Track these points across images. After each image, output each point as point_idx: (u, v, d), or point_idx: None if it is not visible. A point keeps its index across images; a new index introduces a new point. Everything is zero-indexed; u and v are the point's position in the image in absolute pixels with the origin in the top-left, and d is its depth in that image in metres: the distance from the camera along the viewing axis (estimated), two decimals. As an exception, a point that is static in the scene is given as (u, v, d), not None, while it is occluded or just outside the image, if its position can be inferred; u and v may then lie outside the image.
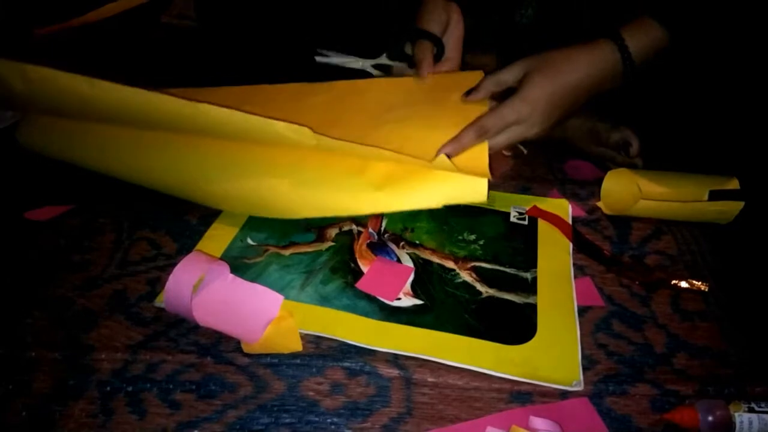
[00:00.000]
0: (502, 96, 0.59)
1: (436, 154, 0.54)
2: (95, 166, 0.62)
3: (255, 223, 0.59)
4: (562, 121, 0.59)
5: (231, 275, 0.49)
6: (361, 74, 0.74)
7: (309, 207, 0.56)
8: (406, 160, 0.54)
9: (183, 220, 0.60)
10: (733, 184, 0.59)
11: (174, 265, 0.47)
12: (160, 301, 0.50)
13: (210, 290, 0.48)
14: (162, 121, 0.55)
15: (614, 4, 0.65)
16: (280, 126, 0.52)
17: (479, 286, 0.53)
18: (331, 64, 0.75)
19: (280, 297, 0.48)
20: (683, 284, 0.54)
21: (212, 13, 0.78)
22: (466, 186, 0.54)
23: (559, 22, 0.73)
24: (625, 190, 0.61)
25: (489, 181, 0.54)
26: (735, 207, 0.59)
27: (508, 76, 0.58)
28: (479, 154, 0.56)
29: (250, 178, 0.57)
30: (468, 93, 0.61)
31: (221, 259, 0.54)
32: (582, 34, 0.67)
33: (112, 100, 0.51)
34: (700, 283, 0.54)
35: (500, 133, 0.57)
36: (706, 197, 0.60)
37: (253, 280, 0.51)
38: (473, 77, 0.64)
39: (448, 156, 0.54)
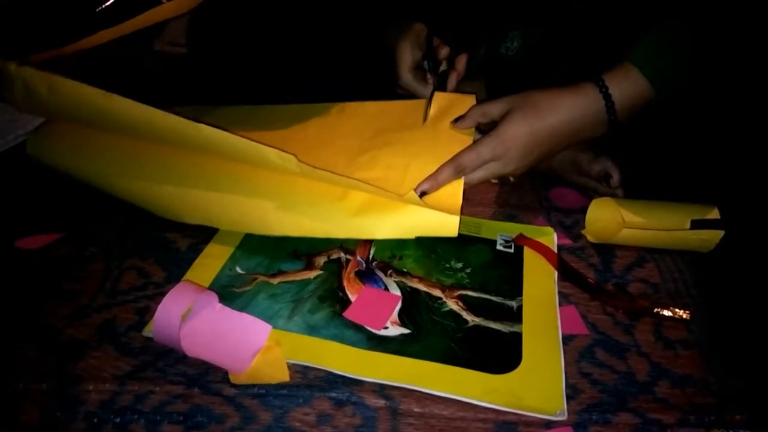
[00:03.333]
0: (488, 127, 0.60)
1: (415, 189, 0.56)
2: (98, 174, 0.65)
3: (244, 252, 0.60)
4: (542, 161, 0.61)
5: (219, 304, 0.50)
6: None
7: (290, 227, 0.59)
8: (380, 194, 0.57)
9: (172, 249, 0.61)
10: (714, 214, 0.61)
11: (163, 294, 0.47)
12: (149, 331, 0.50)
13: (198, 320, 0.48)
14: (163, 136, 0.59)
15: (600, 42, 0.66)
16: (268, 152, 0.54)
17: (465, 315, 0.53)
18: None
19: (267, 326, 0.48)
20: (665, 312, 0.55)
21: (203, 40, 0.80)
22: (439, 221, 0.56)
23: (544, 56, 0.75)
24: (608, 219, 0.63)
25: (473, 210, 0.55)
26: (715, 236, 0.60)
27: (494, 109, 0.59)
28: (454, 190, 0.58)
29: (239, 194, 0.60)
30: (456, 120, 0.63)
31: (210, 288, 0.55)
32: (567, 69, 0.69)
33: (121, 112, 0.56)
34: (682, 311, 0.55)
35: (477, 169, 0.58)
36: (687, 226, 0.61)
37: (241, 309, 0.52)
38: (466, 101, 0.66)
39: (426, 192, 0.57)
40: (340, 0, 0.79)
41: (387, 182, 0.59)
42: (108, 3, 1.06)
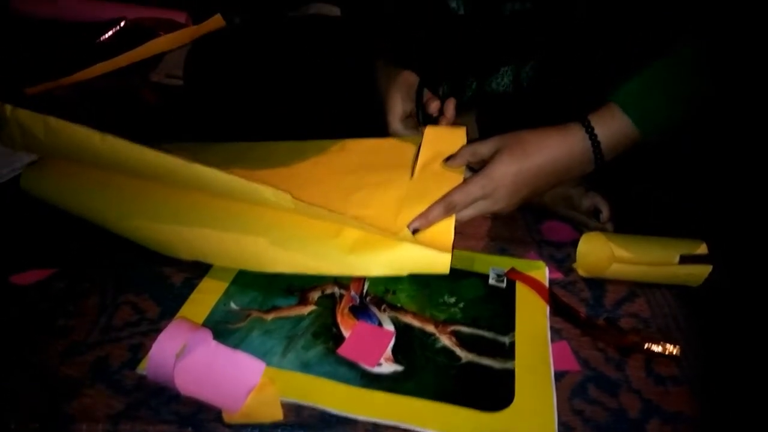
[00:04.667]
0: (478, 165, 0.61)
1: (408, 226, 0.57)
2: (93, 209, 0.66)
3: (238, 287, 0.60)
4: (531, 199, 0.62)
5: (214, 342, 0.50)
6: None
7: (284, 264, 0.59)
8: (375, 231, 0.58)
9: (167, 284, 0.61)
10: (702, 249, 0.62)
11: (157, 330, 0.48)
12: (143, 369, 0.50)
13: (192, 357, 0.48)
14: (159, 175, 0.60)
15: (592, 78, 0.68)
16: (263, 190, 0.55)
17: (459, 351, 0.54)
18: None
19: (261, 364, 0.49)
20: (656, 348, 0.56)
21: (200, 75, 0.81)
22: (431, 258, 0.57)
23: (536, 92, 0.77)
24: (599, 254, 0.63)
25: (465, 244, 0.56)
26: (704, 271, 0.61)
27: (483, 149, 0.61)
28: (446, 228, 0.59)
29: (234, 231, 0.61)
30: (447, 159, 0.64)
31: (204, 324, 0.55)
32: (558, 105, 0.70)
33: (118, 153, 0.57)
34: (672, 346, 0.56)
35: (467, 207, 0.59)
36: (676, 261, 0.62)
37: (235, 346, 0.52)
38: (457, 134, 0.67)
39: (418, 229, 0.58)
40: (335, 38, 0.81)
41: (380, 220, 0.60)
42: (106, 36, 1.08)
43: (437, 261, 0.57)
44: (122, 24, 1.10)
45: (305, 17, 0.98)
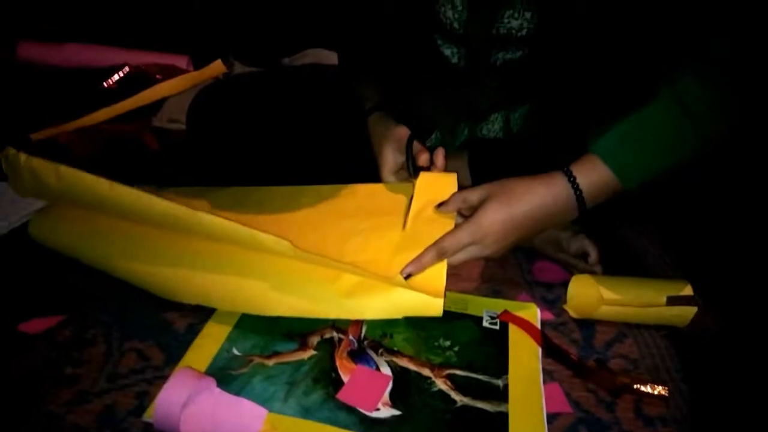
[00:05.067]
0: (468, 211, 0.64)
1: (401, 272, 0.59)
2: (99, 255, 0.69)
3: (240, 332, 0.62)
4: (519, 244, 0.64)
5: (217, 389, 0.52)
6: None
7: (285, 307, 0.62)
8: (371, 276, 0.60)
9: (171, 330, 0.63)
10: (687, 290, 0.64)
11: (162, 377, 0.50)
12: (149, 416, 0.52)
13: (197, 405, 0.50)
14: (164, 222, 0.62)
15: (576, 125, 0.71)
16: (264, 238, 0.57)
17: (454, 395, 0.56)
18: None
19: (263, 411, 0.51)
20: (645, 389, 0.57)
21: (203, 121, 0.84)
22: (424, 302, 0.59)
23: (526, 138, 0.80)
24: (588, 296, 0.66)
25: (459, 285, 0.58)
26: (689, 312, 0.63)
27: (473, 197, 0.63)
28: (438, 273, 0.61)
29: (235, 276, 0.64)
30: (439, 205, 0.67)
31: (208, 371, 0.57)
32: (546, 151, 0.73)
33: (125, 200, 0.60)
34: (660, 387, 0.57)
35: (458, 252, 0.62)
36: (663, 302, 0.64)
37: (238, 392, 0.54)
38: (448, 179, 0.69)
39: (411, 274, 0.60)
40: (333, 88, 0.84)
41: (376, 264, 0.62)
42: (110, 82, 1.12)
43: (430, 305, 0.59)
44: (125, 70, 1.14)
45: (305, 67, 1.02)
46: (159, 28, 1.27)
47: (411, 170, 0.71)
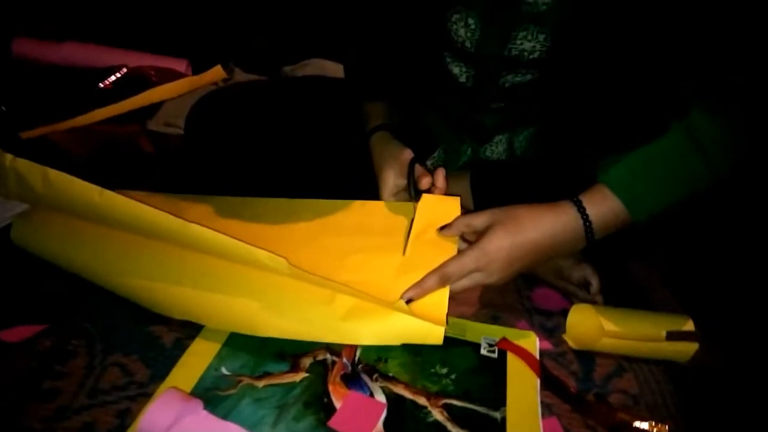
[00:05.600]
0: (472, 237, 0.62)
1: (401, 296, 0.57)
2: (84, 264, 0.66)
3: (230, 350, 0.60)
4: (525, 271, 0.62)
5: (204, 412, 0.50)
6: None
7: (275, 329, 0.59)
8: (369, 299, 0.58)
9: (157, 345, 0.60)
10: (689, 326, 0.63)
11: (146, 395, 0.48)
12: (130, 437, 0.49)
13: (183, 428, 0.48)
14: (154, 232, 0.60)
15: (581, 150, 0.70)
16: (258, 253, 0.55)
17: (450, 426, 0.54)
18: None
19: (252, 437, 0.48)
20: (645, 426, 0.56)
21: (201, 129, 0.82)
22: (424, 330, 0.57)
23: (530, 160, 0.79)
24: (588, 326, 0.64)
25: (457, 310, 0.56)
26: (690, 348, 0.62)
27: (477, 222, 0.62)
28: (440, 299, 0.59)
29: (226, 293, 0.61)
30: (442, 228, 0.65)
31: (195, 390, 0.55)
32: (550, 174, 0.72)
33: (115, 208, 0.57)
34: (660, 425, 0.56)
35: (462, 279, 0.60)
36: (663, 336, 0.63)
37: (225, 415, 0.52)
38: (450, 203, 0.68)
39: (412, 299, 0.58)
40: (335, 99, 0.83)
41: (375, 287, 0.60)
42: (107, 82, 1.09)
43: (431, 333, 0.57)
44: (123, 71, 1.12)
45: (307, 78, 1.01)
46: (159, 31, 1.25)
47: (412, 193, 0.69)
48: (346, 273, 0.63)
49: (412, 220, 0.68)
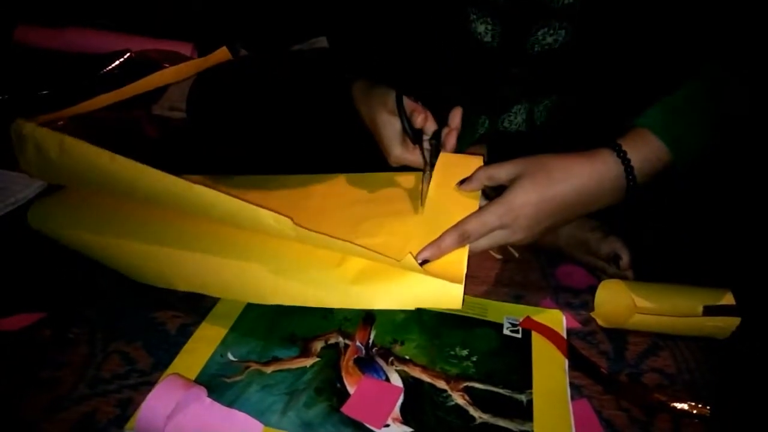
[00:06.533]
0: (495, 191, 0.58)
1: (416, 257, 0.53)
2: (97, 238, 0.65)
3: (236, 336, 0.57)
4: (552, 231, 0.57)
5: (208, 399, 0.47)
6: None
7: (285, 294, 0.57)
8: (380, 259, 0.53)
9: (160, 331, 0.58)
10: (728, 299, 0.58)
11: (148, 383, 0.45)
12: (131, 428, 0.46)
13: (185, 417, 0.45)
14: (162, 198, 0.57)
15: (607, 118, 0.65)
16: (264, 214, 0.52)
17: (472, 411, 0.50)
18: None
19: (259, 425, 0.46)
20: (683, 407, 0.52)
21: (204, 108, 0.79)
22: (442, 291, 0.53)
23: (549, 131, 0.74)
24: (619, 303, 0.60)
25: (477, 289, 0.52)
26: (731, 323, 0.57)
27: (502, 173, 0.56)
28: (458, 259, 0.54)
29: (235, 259, 0.59)
30: (462, 182, 0.60)
31: (199, 377, 0.52)
32: (575, 143, 0.67)
33: (125, 173, 0.56)
34: (700, 406, 0.52)
35: (482, 237, 0.55)
36: (700, 311, 0.58)
37: (232, 402, 0.49)
38: (473, 162, 0.63)
39: (428, 260, 0.53)
40: (340, 71, 0.79)
41: (389, 248, 0.56)
42: (111, 67, 1.07)
43: (449, 293, 0.52)
44: (127, 55, 1.09)
45: (310, 51, 0.97)
46: (162, 14, 1.22)
47: (409, 133, 0.64)
48: (360, 237, 0.59)
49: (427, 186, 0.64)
